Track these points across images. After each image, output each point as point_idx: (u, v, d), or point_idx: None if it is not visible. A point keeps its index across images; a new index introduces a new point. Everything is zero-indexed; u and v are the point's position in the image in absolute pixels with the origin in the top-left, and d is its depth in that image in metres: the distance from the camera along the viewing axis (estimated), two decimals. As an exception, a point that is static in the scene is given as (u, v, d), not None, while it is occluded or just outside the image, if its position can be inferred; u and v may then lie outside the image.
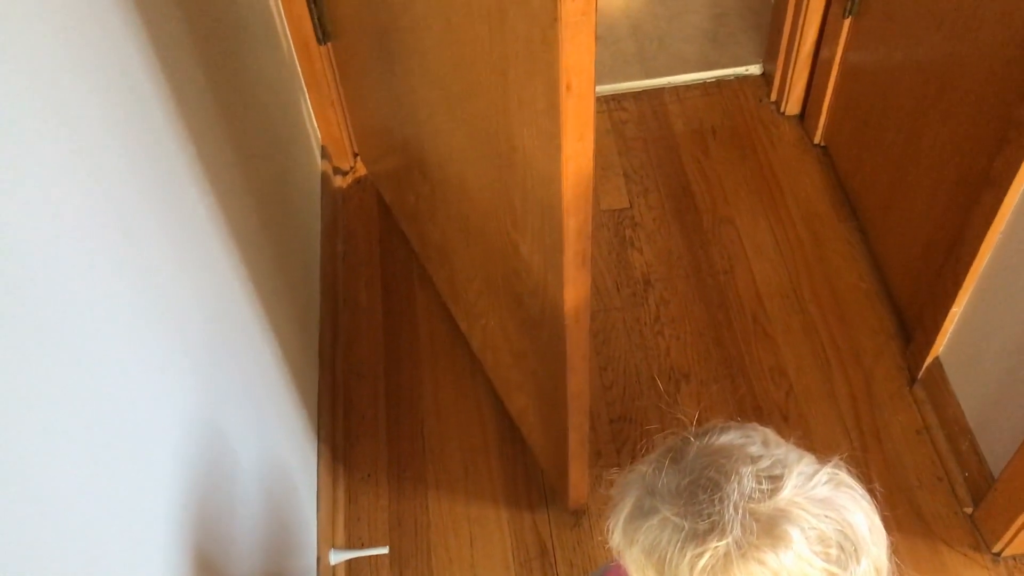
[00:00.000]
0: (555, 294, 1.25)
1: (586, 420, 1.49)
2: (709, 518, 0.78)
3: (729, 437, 0.85)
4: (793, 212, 2.15)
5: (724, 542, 0.77)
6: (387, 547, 1.67)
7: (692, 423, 0.88)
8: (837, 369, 1.90)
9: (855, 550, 0.76)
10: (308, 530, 1.59)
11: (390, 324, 2.04)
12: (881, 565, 0.78)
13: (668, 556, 0.80)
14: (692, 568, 0.79)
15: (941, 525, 1.68)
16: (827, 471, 0.80)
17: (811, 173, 2.22)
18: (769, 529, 0.77)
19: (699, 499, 0.80)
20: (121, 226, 0.91)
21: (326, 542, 1.65)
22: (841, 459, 0.82)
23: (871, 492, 0.82)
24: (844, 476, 0.80)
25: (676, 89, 2.43)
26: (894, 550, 0.81)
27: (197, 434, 1.07)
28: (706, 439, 0.85)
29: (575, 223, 1.10)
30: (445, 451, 1.84)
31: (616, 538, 0.86)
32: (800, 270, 2.06)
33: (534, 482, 1.78)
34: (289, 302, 1.67)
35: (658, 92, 2.42)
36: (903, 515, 1.70)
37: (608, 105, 2.39)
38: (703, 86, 2.43)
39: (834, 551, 0.76)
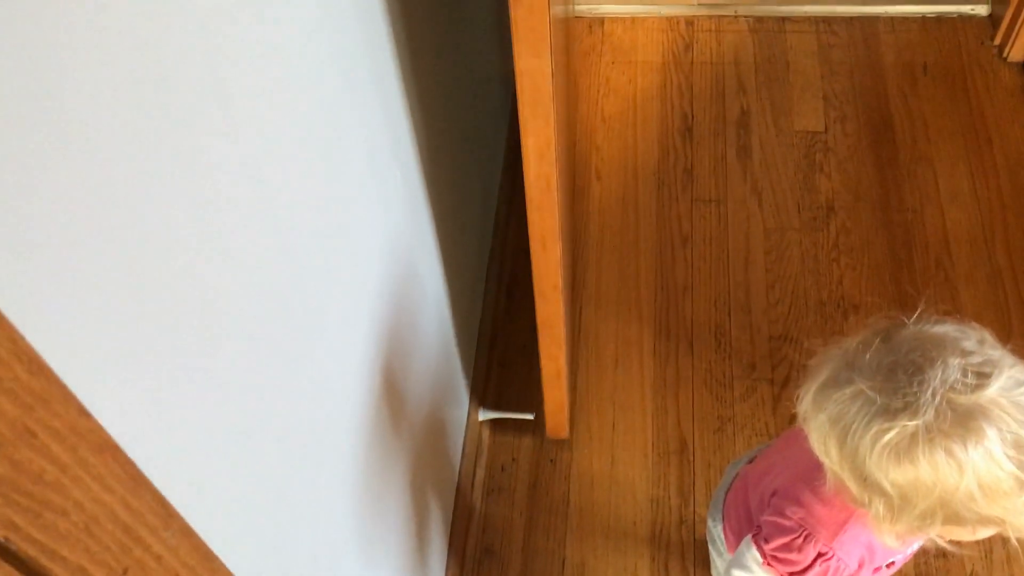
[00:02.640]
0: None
1: (561, 351, 1.45)
2: (904, 397, 0.77)
3: (944, 328, 0.82)
4: (998, 161, 2.04)
5: (914, 423, 0.76)
6: (532, 413, 1.73)
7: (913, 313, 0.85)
8: (1018, 325, 1.81)
9: None
10: (463, 383, 1.66)
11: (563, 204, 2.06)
12: None
13: (853, 427, 0.79)
14: (875, 443, 0.78)
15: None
16: None
17: (1025, 124, 2.09)
18: (964, 421, 0.75)
19: (898, 377, 0.78)
20: (356, 77, 0.96)
21: (477, 398, 1.72)
22: None
23: None
24: None
25: (892, 20, 2.31)
26: None
27: (398, 253, 1.13)
28: (920, 325, 0.83)
29: (535, 144, 1.06)
30: (600, 338, 1.87)
31: (804, 405, 0.85)
32: (996, 221, 1.95)
33: (684, 381, 1.79)
34: (477, 151, 1.71)
35: (872, 20, 2.31)
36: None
37: (817, 27, 2.30)
38: (922, 20, 2.31)
39: None
